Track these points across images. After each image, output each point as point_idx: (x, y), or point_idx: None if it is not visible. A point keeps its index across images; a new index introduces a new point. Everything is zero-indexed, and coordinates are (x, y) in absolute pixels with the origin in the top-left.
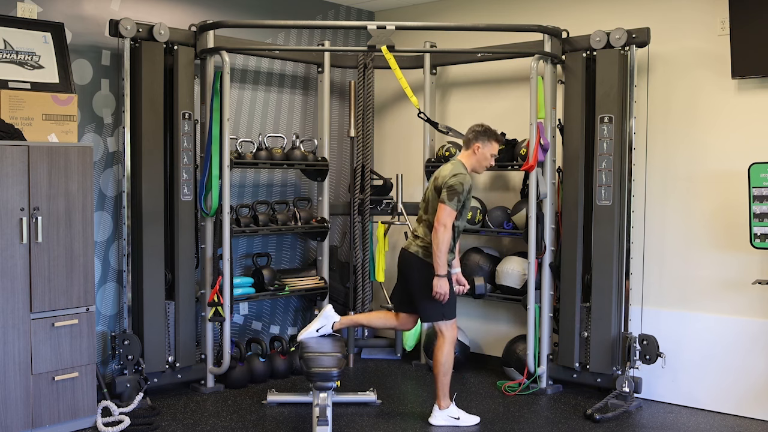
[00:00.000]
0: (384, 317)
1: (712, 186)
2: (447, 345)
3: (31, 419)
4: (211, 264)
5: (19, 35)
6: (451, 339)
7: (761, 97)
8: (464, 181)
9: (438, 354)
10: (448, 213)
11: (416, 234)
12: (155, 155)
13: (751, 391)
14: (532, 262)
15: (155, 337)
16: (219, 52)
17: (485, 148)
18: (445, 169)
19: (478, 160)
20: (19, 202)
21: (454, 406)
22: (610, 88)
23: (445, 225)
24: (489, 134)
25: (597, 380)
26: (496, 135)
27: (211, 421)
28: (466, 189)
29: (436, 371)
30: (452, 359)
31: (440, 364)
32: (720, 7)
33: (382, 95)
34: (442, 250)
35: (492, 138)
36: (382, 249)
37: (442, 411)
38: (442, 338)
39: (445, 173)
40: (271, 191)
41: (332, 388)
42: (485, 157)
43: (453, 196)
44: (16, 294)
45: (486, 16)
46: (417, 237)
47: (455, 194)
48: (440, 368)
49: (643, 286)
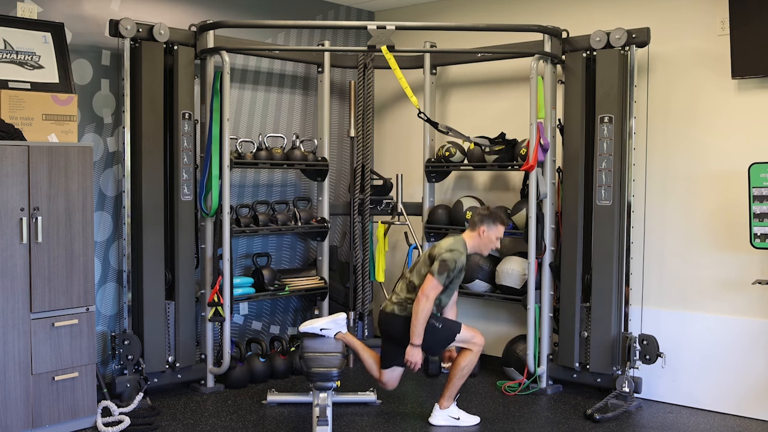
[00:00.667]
0: (374, 362)
1: (712, 186)
2: (474, 352)
3: (31, 419)
4: (211, 264)
5: (19, 35)
6: (479, 344)
7: (761, 97)
8: (458, 258)
9: (461, 357)
10: (433, 286)
11: (394, 291)
12: (155, 155)
13: (751, 391)
14: (532, 262)
15: (155, 337)
16: (219, 52)
17: (490, 231)
18: (445, 241)
19: (483, 243)
20: (19, 202)
21: (454, 406)
22: (610, 88)
23: (427, 296)
24: (494, 218)
25: (597, 380)
26: (502, 218)
27: (211, 421)
28: (457, 267)
29: (452, 373)
30: (473, 367)
31: (460, 368)
32: (720, 7)
33: (382, 95)
34: (420, 320)
35: (497, 221)
36: (382, 249)
37: (442, 411)
38: (471, 345)
39: (444, 245)
40: (271, 191)
41: (332, 388)
42: (491, 240)
43: (443, 270)
44: (16, 294)
45: (486, 16)
46: (394, 293)
47: (445, 269)
48: (458, 371)
49: (643, 286)
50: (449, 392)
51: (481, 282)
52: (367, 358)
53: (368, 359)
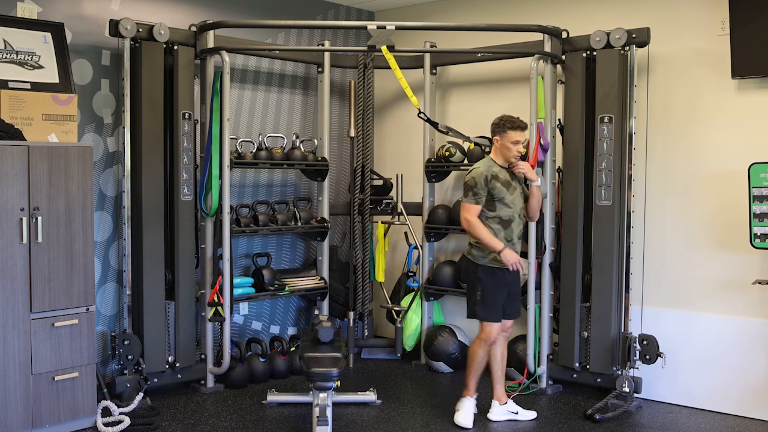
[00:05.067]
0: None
1: (712, 186)
2: (476, 341)
3: (31, 419)
4: (211, 264)
5: (19, 35)
6: (483, 338)
7: (761, 97)
8: (476, 174)
9: (469, 347)
10: (466, 209)
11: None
12: (155, 155)
13: (751, 391)
14: (532, 262)
15: (155, 337)
16: (219, 52)
17: (504, 139)
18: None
19: (503, 153)
20: (19, 202)
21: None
22: (610, 88)
23: (466, 219)
24: (504, 124)
25: (597, 380)
26: (512, 122)
27: (211, 421)
28: (480, 181)
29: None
30: (479, 358)
31: (468, 357)
32: (720, 7)
33: (382, 95)
34: (480, 235)
35: (507, 127)
36: (382, 249)
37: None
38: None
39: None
40: (271, 191)
41: (332, 388)
42: (507, 147)
43: (467, 191)
44: (16, 294)
45: (486, 16)
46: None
47: (469, 189)
48: (468, 361)
49: (643, 286)
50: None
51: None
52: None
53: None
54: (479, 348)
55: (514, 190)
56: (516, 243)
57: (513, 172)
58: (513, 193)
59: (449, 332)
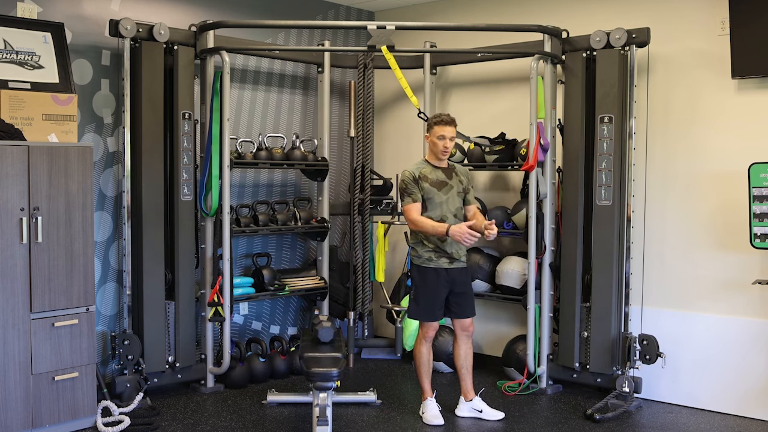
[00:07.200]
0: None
1: (712, 186)
2: (416, 341)
3: (31, 419)
4: (211, 264)
5: (19, 35)
6: (421, 335)
7: (761, 97)
8: (405, 177)
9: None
10: (407, 210)
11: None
12: (155, 155)
13: (751, 391)
14: (532, 262)
15: (155, 337)
16: (219, 52)
17: (431, 135)
18: None
19: (432, 149)
20: (19, 202)
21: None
22: (610, 88)
23: (411, 220)
24: (430, 120)
25: (597, 380)
26: (437, 118)
27: (211, 421)
28: (409, 181)
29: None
30: (423, 357)
31: (414, 359)
32: (720, 7)
33: (382, 95)
34: (426, 229)
35: (433, 122)
36: (382, 249)
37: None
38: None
39: None
40: (271, 191)
41: (332, 388)
42: (433, 142)
43: (402, 195)
44: (16, 294)
45: (486, 16)
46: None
47: (403, 192)
48: (414, 362)
49: (643, 286)
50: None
51: (481, 282)
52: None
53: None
54: (420, 346)
55: (449, 190)
56: (451, 242)
57: (452, 172)
58: (447, 192)
59: (449, 332)
